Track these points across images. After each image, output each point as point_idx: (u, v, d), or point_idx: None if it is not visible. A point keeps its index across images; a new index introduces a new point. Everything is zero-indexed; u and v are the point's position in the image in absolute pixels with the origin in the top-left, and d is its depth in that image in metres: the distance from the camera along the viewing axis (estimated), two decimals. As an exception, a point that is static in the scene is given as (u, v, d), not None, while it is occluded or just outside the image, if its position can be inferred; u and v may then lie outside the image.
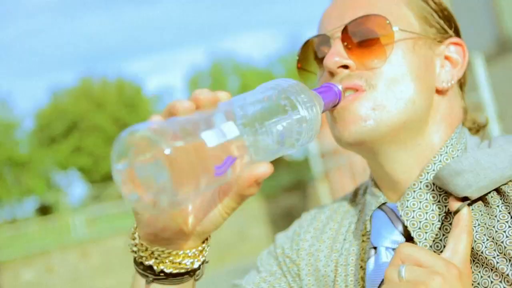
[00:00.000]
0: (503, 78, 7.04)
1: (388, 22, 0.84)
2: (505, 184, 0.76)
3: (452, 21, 0.93)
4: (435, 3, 0.91)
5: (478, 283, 0.74)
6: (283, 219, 20.09)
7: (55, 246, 17.31)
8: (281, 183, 23.23)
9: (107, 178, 33.69)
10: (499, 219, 0.74)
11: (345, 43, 0.85)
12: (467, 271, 0.72)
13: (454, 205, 0.76)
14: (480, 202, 0.78)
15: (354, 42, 0.85)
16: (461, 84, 0.95)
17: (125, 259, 17.77)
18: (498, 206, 0.75)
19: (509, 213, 0.74)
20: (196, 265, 0.76)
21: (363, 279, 0.88)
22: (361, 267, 0.89)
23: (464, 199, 0.76)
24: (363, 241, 0.91)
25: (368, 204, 0.90)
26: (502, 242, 0.72)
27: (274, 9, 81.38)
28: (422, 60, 0.86)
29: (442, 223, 0.81)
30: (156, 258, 0.73)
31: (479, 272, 0.74)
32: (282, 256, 1.02)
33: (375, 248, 0.85)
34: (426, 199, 0.82)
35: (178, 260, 0.74)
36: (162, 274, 0.74)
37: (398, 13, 0.87)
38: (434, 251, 0.80)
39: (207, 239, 0.77)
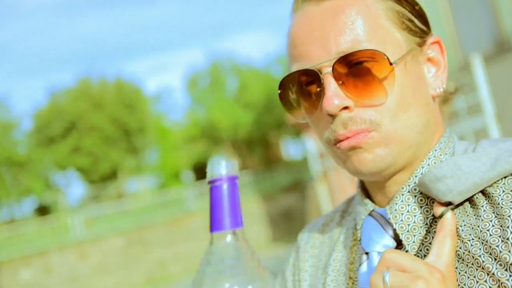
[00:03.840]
0: (501, 78, 7.05)
1: (385, 57, 0.79)
2: (490, 186, 0.77)
3: (425, 17, 0.89)
4: (409, 3, 0.87)
5: (465, 284, 0.75)
6: (282, 219, 20.09)
7: (54, 246, 17.28)
8: (279, 183, 23.24)
9: (106, 178, 33.69)
10: (483, 218, 0.74)
11: (340, 81, 0.80)
12: (451, 274, 0.73)
13: (438, 210, 0.77)
14: (467, 204, 0.79)
15: (348, 79, 0.80)
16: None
17: (124, 258, 17.76)
18: (483, 206, 0.76)
19: (494, 212, 0.75)
20: None
21: None
22: (350, 277, 0.90)
23: (448, 204, 0.77)
24: (352, 252, 0.92)
25: (358, 213, 0.90)
26: (487, 241, 0.73)
27: (273, 9, 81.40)
28: (414, 77, 0.84)
29: (430, 226, 0.81)
30: None
31: (466, 272, 0.75)
32: (292, 263, 1.06)
33: (367, 254, 0.85)
34: (414, 202, 0.82)
35: None
36: None
37: (385, 35, 0.82)
38: (424, 255, 0.81)
39: None
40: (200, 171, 39.02)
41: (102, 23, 79.46)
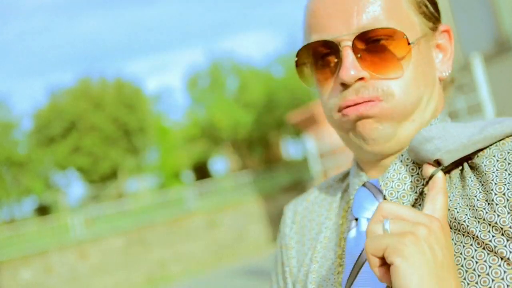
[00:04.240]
0: (501, 78, 7.06)
1: (405, 36, 0.83)
2: (475, 157, 0.80)
3: (437, 5, 0.93)
4: None
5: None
6: (282, 219, 20.10)
7: (54, 246, 17.28)
8: (279, 183, 23.24)
9: (106, 178, 33.68)
10: (470, 187, 0.78)
11: (358, 55, 0.83)
12: (447, 226, 0.74)
13: (428, 170, 0.78)
14: (454, 175, 0.81)
15: (366, 54, 0.83)
16: None
17: (124, 258, 17.76)
18: (470, 177, 0.79)
19: (480, 181, 0.77)
20: None
21: (340, 256, 0.90)
22: (339, 245, 0.91)
23: (437, 164, 0.79)
24: (342, 223, 0.93)
25: (352, 184, 0.93)
26: (474, 205, 0.75)
27: (274, 9, 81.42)
28: (426, 59, 0.87)
29: (420, 195, 0.83)
30: None
31: (452, 239, 0.77)
32: (279, 246, 1.08)
33: (356, 220, 0.87)
34: (406, 170, 0.85)
35: None
36: None
37: (403, 16, 0.85)
38: None
39: None
40: (200, 171, 39.02)
41: (102, 23, 79.47)
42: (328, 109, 0.88)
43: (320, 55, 0.88)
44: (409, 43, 0.83)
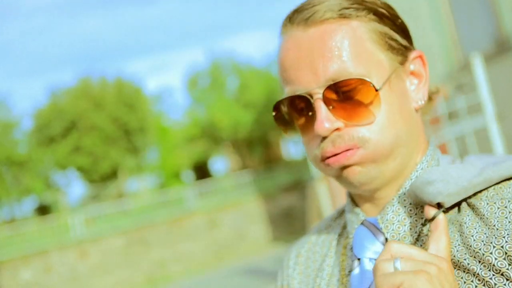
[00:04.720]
0: (502, 78, 7.06)
1: (372, 85, 0.84)
2: (473, 196, 0.83)
3: (407, 31, 0.94)
4: (391, 20, 0.90)
5: None
6: (282, 219, 20.11)
7: (54, 245, 17.29)
8: (279, 183, 23.25)
9: (106, 177, 33.69)
10: (468, 225, 0.81)
11: (330, 106, 0.85)
12: (451, 266, 0.77)
13: (430, 212, 0.81)
14: (453, 214, 0.84)
15: (338, 103, 0.85)
16: None
17: (124, 258, 17.76)
18: (468, 215, 0.82)
19: (478, 222, 0.81)
20: None
21: None
22: (342, 283, 0.94)
23: (438, 206, 0.81)
24: (342, 260, 0.96)
25: (350, 222, 0.95)
26: (471, 245, 0.79)
27: (274, 9, 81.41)
28: (399, 94, 0.88)
29: (419, 235, 0.87)
30: None
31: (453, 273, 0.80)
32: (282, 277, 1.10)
33: (358, 260, 0.89)
34: (404, 212, 0.88)
35: None
36: None
37: (369, 58, 0.86)
38: None
39: None
40: (200, 171, 39.03)
41: (102, 23, 79.46)
42: (312, 159, 0.90)
43: (296, 107, 0.90)
44: (376, 90, 0.84)
